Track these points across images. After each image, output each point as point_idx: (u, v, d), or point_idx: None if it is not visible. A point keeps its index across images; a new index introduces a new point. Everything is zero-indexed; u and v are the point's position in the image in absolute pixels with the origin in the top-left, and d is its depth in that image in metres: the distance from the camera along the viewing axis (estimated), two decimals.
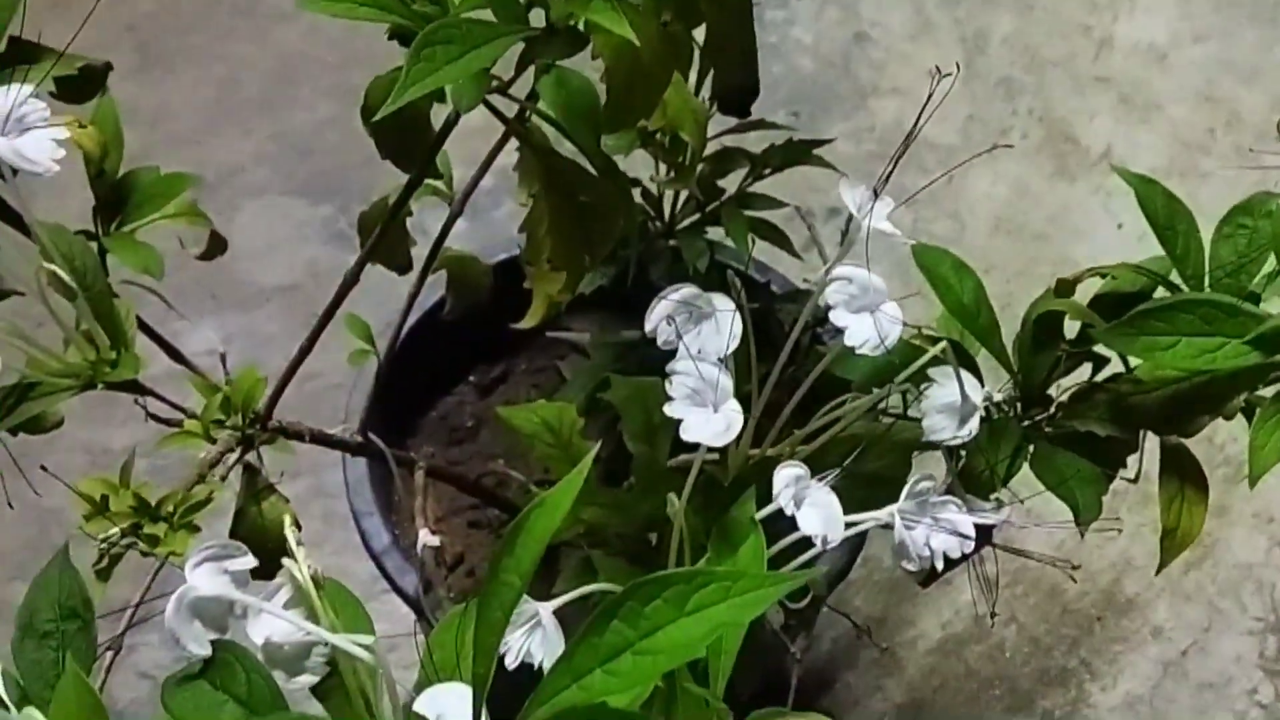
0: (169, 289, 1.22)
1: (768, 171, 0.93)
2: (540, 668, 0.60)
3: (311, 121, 1.61)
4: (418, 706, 0.52)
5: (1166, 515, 0.75)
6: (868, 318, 0.63)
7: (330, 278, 0.85)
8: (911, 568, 0.62)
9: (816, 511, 0.60)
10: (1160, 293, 0.81)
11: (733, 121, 0.88)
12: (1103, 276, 0.84)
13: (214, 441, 0.70)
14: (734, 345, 0.61)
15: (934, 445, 0.75)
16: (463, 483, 0.99)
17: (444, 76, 0.60)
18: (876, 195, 0.63)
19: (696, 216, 0.99)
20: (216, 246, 0.80)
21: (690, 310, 0.62)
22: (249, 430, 0.71)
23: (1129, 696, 1.27)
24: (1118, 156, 1.60)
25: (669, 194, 0.98)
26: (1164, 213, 0.80)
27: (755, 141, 0.96)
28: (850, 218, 0.63)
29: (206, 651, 0.53)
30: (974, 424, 0.71)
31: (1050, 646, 1.30)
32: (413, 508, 0.93)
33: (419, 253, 0.89)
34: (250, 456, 0.75)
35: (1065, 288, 0.81)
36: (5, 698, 0.51)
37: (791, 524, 0.62)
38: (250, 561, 0.55)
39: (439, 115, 0.74)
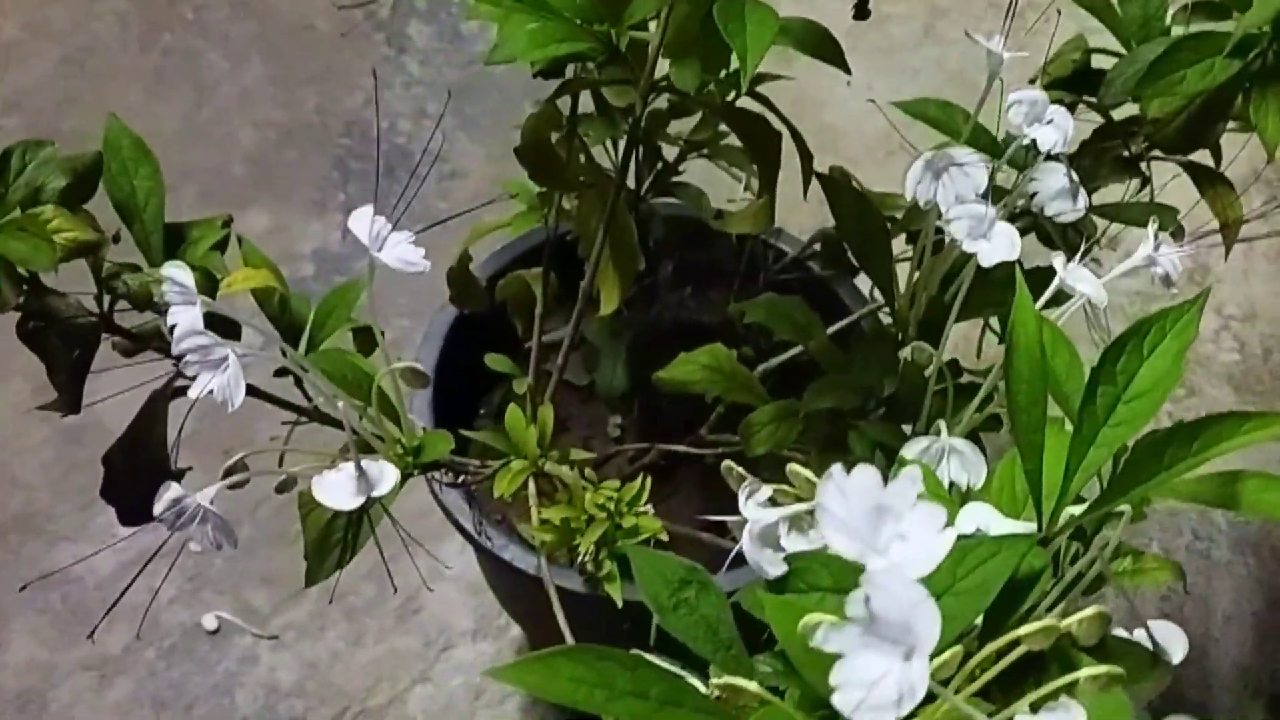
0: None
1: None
2: (967, 488, 0.71)
3: None
4: (961, 526, 0.62)
5: (1216, 209, 0.92)
6: (1045, 126, 0.76)
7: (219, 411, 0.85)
8: (1175, 290, 0.76)
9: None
10: (1096, 60, 0.98)
11: None
12: (1047, 73, 1.00)
13: (539, 467, 0.76)
14: (984, 183, 0.73)
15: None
16: None
17: None
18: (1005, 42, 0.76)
19: (659, 168, 1.09)
20: (371, 339, 0.85)
21: (932, 169, 0.73)
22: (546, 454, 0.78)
23: None
24: None
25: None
26: None
27: None
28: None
29: (783, 568, 0.61)
30: (1084, 197, 0.85)
31: None
32: None
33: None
34: None
35: None
36: (675, 668, 0.58)
37: None
38: (768, 489, 0.63)
39: None
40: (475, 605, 1.37)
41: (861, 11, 0.80)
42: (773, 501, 0.64)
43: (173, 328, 0.67)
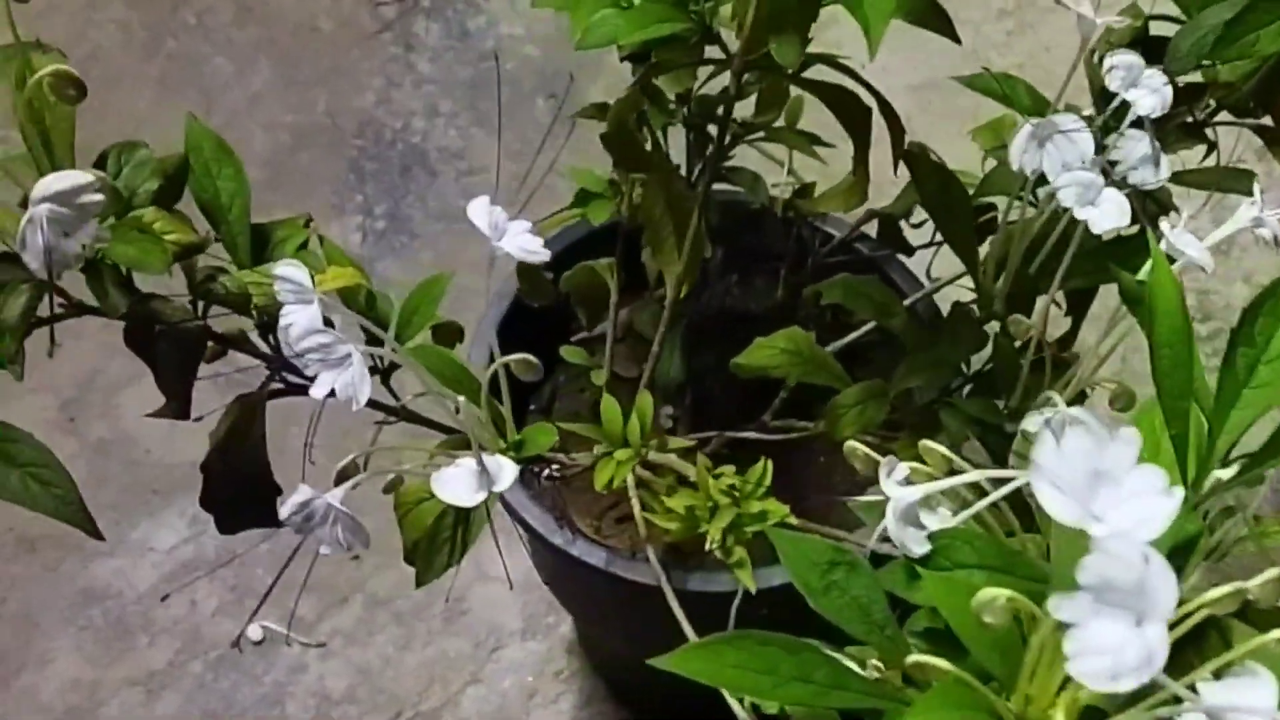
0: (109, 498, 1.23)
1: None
2: None
3: None
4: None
5: None
6: (1142, 89, 0.75)
7: None
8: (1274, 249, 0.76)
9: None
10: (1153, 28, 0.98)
11: None
12: (1108, 43, 1.00)
13: (643, 458, 0.75)
14: (1091, 150, 0.72)
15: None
16: None
17: None
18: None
19: (710, 151, 1.07)
20: (452, 334, 0.84)
21: (1036, 137, 0.72)
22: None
23: None
24: None
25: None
26: None
27: None
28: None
29: (927, 547, 0.61)
30: (1165, 167, 0.85)
31: None
32: None
33: None
34: None
35: None
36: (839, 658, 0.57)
37: None
38: (904, 467, 0.62)
39: None
40: (523, 604, 1.36)
41: None
42: (907, 480, 0.63)
43: (281, 329, 0.65)
